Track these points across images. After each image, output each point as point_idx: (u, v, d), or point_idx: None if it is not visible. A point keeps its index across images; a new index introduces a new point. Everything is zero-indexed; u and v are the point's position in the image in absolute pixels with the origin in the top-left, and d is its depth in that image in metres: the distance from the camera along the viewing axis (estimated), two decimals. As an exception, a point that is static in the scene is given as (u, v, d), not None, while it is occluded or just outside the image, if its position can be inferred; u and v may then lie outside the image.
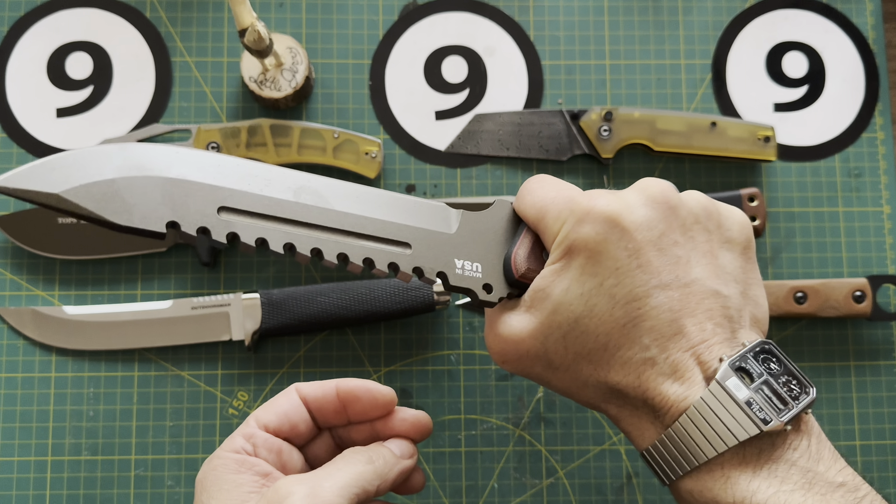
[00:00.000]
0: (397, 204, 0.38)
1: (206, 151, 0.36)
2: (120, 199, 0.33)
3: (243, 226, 0.35)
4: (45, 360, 0.54)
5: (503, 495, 0.54)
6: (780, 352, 0.34)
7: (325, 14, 0.59)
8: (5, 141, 0.56)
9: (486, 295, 0.38)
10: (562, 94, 0.59)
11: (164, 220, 0.34)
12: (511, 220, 0.39)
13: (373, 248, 0.37)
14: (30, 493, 0.52)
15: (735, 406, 0.32)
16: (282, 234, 0.35)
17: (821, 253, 0.58)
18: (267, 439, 0.37)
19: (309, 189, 0.37)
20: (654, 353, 0.33)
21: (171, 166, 0.35)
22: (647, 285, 0.34)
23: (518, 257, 0.38)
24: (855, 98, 0.60)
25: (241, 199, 0.35)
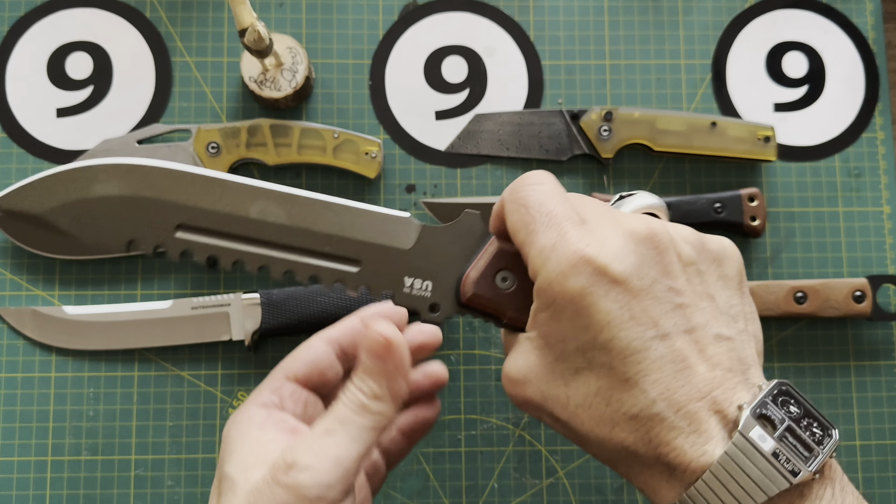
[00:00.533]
0: (357, 217, 0.38)
1: (169, 164, 0.37)
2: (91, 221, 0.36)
3: (196, 244, 0.37)
4: (45, 360, 0.54)
5: (503, 495, 0.54)
6: (797, 392, 0.32)
7: (325, 14, 0.59)
8: (5, 141, 0.56)
9: (430, 315, 0.37)
10: (562, 94, 0.59)
11: (124, 240, 0.36)
12: (476, 235, 0.38)
13: (320, 265, 0.37)
14: (30, 493, 0.52)
15: (762, 459, 0.30)
16: (231, 252, 0.37)
17: (821, 253, 0.58)
18: (294, 391, 0.36)
19: (266, 202, 0.37)
20: (662, 408, 0.31)
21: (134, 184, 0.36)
22: (644, 337, 0.31)
23: (468, 281, 0.37)
24: (855, 98, 0.60)
25: (195, 216, 0.37)
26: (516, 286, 0.37)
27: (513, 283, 0.37)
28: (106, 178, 0.36)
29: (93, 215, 0.36)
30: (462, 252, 0.38)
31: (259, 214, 0.37)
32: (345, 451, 0.32)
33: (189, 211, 0.37)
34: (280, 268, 0.37)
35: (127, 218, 0.36)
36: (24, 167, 0.56)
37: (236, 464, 0.33)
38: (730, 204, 0.56)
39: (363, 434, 0.33)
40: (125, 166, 0.36)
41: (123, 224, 0.36)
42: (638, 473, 0.32)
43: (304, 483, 0.31)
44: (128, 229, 0.36)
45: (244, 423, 0.35)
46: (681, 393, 0.31)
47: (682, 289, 0.32)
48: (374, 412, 0.34)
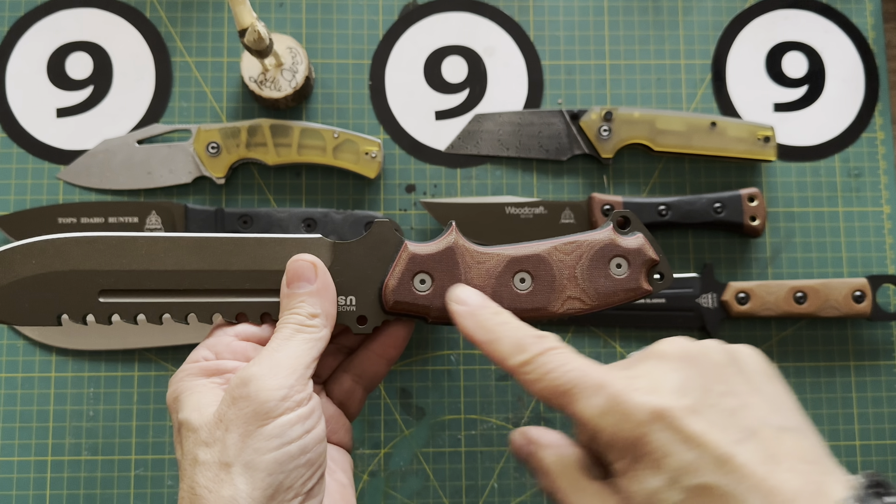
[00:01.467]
0: (268, 247, 0.39)
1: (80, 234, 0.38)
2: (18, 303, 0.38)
3: (121, 306, 0.38)
4: (45, 360, 0.54)
5: (503, 495, 0.54)
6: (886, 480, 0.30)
7: (325, 14, 0.59)
8: (5, 141, 0.56)
9: (359, 328, 0.39)
10: (562, 94, 0.59)
11: (53, 315, 0.38)
12: (389, 243, 0.39)
13: (244, 302, 0.38)
14: (30, 493, 0.52)
15: None
16: (156, 307, 0.38)
17: (821, 253, 0.58)
18: (230, 343, 0.38)
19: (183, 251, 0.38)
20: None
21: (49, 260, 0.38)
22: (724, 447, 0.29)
23: (388, 289, 0.38)
24: (855, 98, 0.60)
25: (115, 279, 0.38)
26: (433, 286, 0.38)
27: (430, 284, 0.38)
28: (23, 260, 0.38)
29: (17, 298, 0.37)
30: (379, 262, 0.39)
31: (175, 265, 0.38)
32: (294, 359, 0.34)
33: (107, 275, 0.38)
34: (206, 312, 0.38)
35: (51, 293, 0.38)
36: (24, 167, 0.56)
37: (189, 409, 0.34)
38: (730, 204, 0.56)
39: (308, 345, 0.35)
40: (39, 244, 0.38)
41: (49, 300, 0.38)
42: None
43: (263, 387, 0.33)
44: (54, 304, 0.38)
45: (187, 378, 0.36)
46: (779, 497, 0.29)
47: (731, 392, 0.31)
48: (312, 327, 0.36)
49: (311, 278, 0.37)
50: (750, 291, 0.55)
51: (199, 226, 0.54)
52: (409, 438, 0.55)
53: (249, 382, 0.33)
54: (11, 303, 0.38)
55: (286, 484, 0.33)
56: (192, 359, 0.37)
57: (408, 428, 0.55)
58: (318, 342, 0.36)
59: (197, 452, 0.33)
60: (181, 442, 0.34)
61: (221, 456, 0.33)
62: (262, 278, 0.38)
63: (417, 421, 0.55)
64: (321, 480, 0.35)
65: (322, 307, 0.37)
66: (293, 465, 0.33)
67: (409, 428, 0.55)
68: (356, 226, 0.54)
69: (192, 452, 0.33)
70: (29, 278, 0.38)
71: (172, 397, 0.36)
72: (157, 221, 0.54)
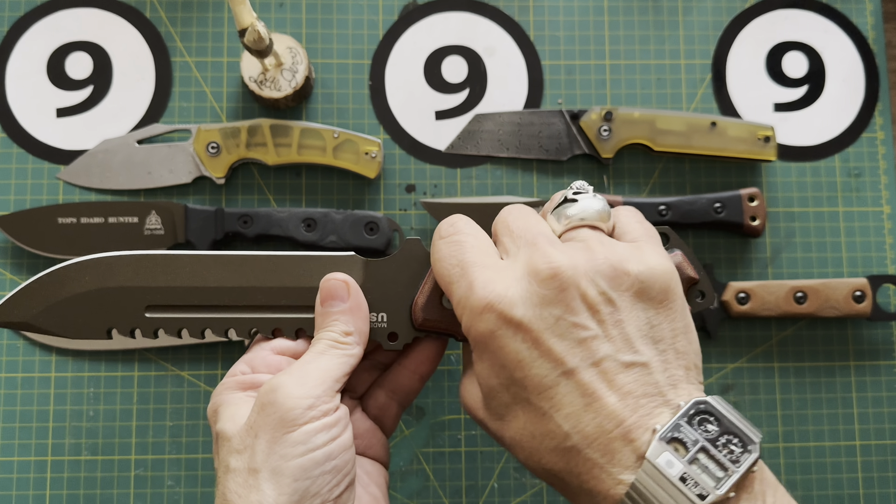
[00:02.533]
0: (306, 266, 0.40)
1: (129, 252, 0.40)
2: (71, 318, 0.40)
3: (165, 321, 0.40)
4: (45, 360, 0.54)
5: (503, 495, 0.54)
6: (716, 407, 0.32)
7: (325, 14, 0.59)
8: (5, 141, 0.56)
9: (390, 345, 0.39)
10: (562, 94, 0.59)
11: (102, 330, 0.40)
12: (420, 260, 0.40)
13: (280, 318, 0.39)
14: (30, 493, 0.52)
15: (669, 484, 0.30)
16: (199, 321, 0.40)
17: (821, 253, 0.58)
18: (266, 357, 0.39)
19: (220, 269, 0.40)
20: (577, 441, 0.32)
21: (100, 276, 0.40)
22: (553, 374, 0.32)
23: (417, 307, 0.39)
24: (855, 98, 0.60)
25: (160, 296, 0.40)
26: None
27: None
28: (77, 276, 0.40)
29: (71, 313, 0.39)
30: (410, 279, 0.39)
31: (216, 282, 0.39)
32: (324, 371, 0.36)
33: (154, 292, 0.40)
34: (245, 327, 0.39)
35: (102, 309, 0.40)
36: (24, 167, 0.56)
37: (225, 420, 0.36)
38: (730, 204, 0.56)
39: (339, 360, 0.37)
40: (92, 262, 0.40)
41: (100, 315, 0.39)
42: (571, 497, 0.34)
43: (290, 395, 0.34)
44: (104, 319, 0.39)
45: (225, 391, 0.38)
46: (592, 426, 0.32)
47: (586, 323, 0.33)
48: (345, 345, 0.37)
49: (343, 297, 0.38)
50: (750, 291, 0.55)
51: (199, 226, 0.54)
52: (409, 438, 0.55)
53: (277, 390, 0.34)
54: (65, 317, 0.40)
55: (312, 490, 0.33)
56: (231, 373, 0.39)
57: (408, 428, 0.55)
58: (350, 358, 0.37)
59: (229, 460, 0.35)
60: (217, 451, 0.36)
61: (250, 462, 0.34)
62: (297, 295, 0.39)
63: (417, 421, 0.55)
64: (350, 488, 0.35)
65: (355, 325, 0.38)
66: (318, 471, 0.34)
67: (409, 428, 0.55)
68: (356, 226, 0.54)
69: (225, 460, 0.35)
70: (81, 294, 0.40)
71: (212, 410, 0.38)
72: (157, 221, 0.54)
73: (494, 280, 0.34)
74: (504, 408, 0.34)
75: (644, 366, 0.32)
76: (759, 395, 0.56)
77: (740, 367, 0.56)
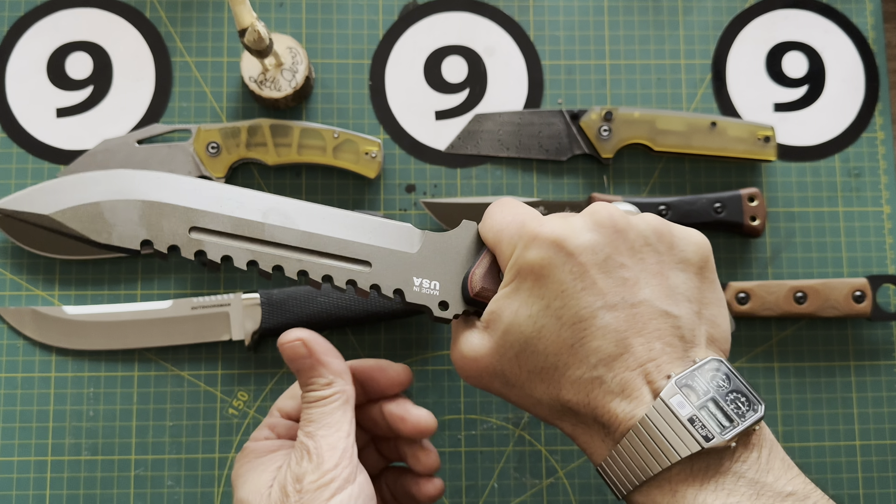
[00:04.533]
0: (363, 225, 0.39)
1: (184, 177, 0.38)
2: (102, 220, 0.37)
3: (210, 244, 0.38)
4: (45, 360, 0.54)
5: (503, 495, 0.54)
6: (730, 369, 0.34)
7: (325, 14, 0.59)
8: (5, 141, 0.56)
9: (440, 312, 0.39)
10: (562, 94, 0.59)
11: (138, 239, 0.37)
12: (475, 241, 0.40)
13: (332, 265, 0.39)
14: (30, 493, 0.52)
15: (678, 423, 0.32)
16: (245, 251, 0.38)
17: (821, 253, 0.58)
18: (289, 426, 0.41)
19: (277, 210, 0.39)
20: (602, 373, 0.34)
21: (150, 191, 0.38)
22: (593, 307, 0.34)
23: (475, 276, 0.39)
24: (855, 98, 0.60)
25: (210, 219, 0.38)
26: None
27: None
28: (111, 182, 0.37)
29: (103, 217, 0.37)
30: (465, 256, 0.40)
31: (270, 222, 0.38)
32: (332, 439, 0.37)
33: (204, 215, 0.38)
34: (294, 267, 0.38)
35: (138, 219, 0.37)
36: (24, 167, 0.56)
37: (248, 490, 0.37)
38: (730, 204, 0.56)
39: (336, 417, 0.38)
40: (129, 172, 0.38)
41: (135, 224, 0.37)
42: (581, 433, 0.36)
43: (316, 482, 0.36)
44: (141, 229, 0.37)
45: (248, 456, 0.39)
46: (618, 361, 0.34)
47: (633, 266, 0.35)
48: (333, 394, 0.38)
49: (304, 354, 0.39)
50: (750, 291, 0.55)
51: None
52: (409, 438, 0.55)
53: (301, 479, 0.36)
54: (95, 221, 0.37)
55: None
56: (254, 437, 0.41)
57: (408, 428, 0.55)
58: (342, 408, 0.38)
59: None
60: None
61: None
62: (352, 248, 0.39)
63: (417, 421, 0.55)
64: None
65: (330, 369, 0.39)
66: None
67: (409, 428, 0.55)
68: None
69: None
70: (119, 202, 0.37)
71: (235, 475, 0.39)
72: (157, 221, 0.54)
73: (551, 220, 0.36)
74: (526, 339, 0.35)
75: (675, 318, 0.35)
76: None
77: (740, 367, 0.56)
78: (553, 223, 0.36)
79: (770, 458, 0.33)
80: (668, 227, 0.37)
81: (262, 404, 0.54)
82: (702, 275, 0.36)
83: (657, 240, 0.36)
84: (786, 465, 0.33)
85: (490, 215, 0.39)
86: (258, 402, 0.54)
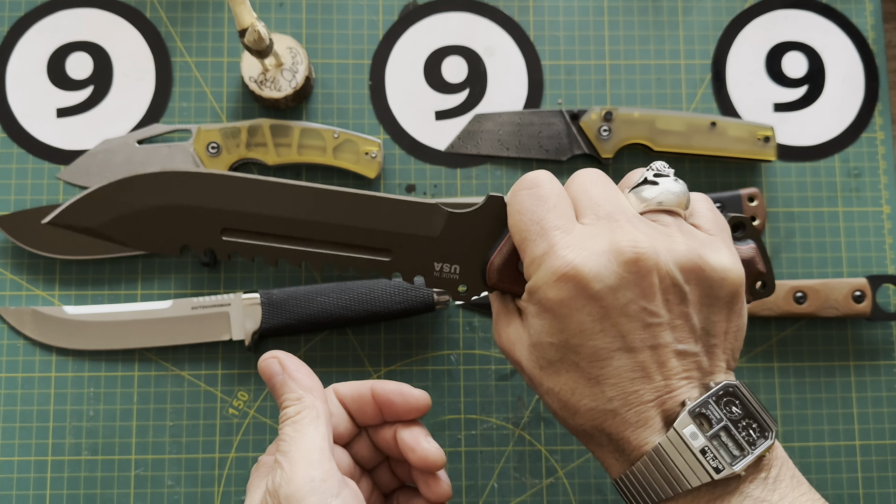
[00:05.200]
0: (385, 207, 0.40)
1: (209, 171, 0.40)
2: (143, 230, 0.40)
3: (241, 246, 0.40)
4: (45, 360, 0.54)
5: (503, 495, 0.54)
6: (744, 392, 0.35)
7: (325, 14, 0.59)
8: (5, 141, 0.56)
9: (459, 294, 0.40)
10: (562, 94, 0.59)
11: (177, 246, 0.40)
12: (500, 218, 0.40)
13: (355, 257, 0.40)
14: (30, 493, 0.52)
15: (690, 455, 0.33)
16: (273, 250, 0.40)
17: (821, 253, 0.58)
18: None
19: (302, 198, 0.40)
20: (617, 406, 0.35)
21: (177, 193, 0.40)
22: (611, 348, 0.34)
23: (492, 267, 0.39)
24: (855, 98, 0.60)
25: (238, 220, 0.40)
26: None
27: None
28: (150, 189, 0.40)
29: (144, 226, 0.40)
30: (487, 236, 0.40)
31: (294, 213, 0.40)
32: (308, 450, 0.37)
33: (231, 215, 0.40)
34: (318, 261, 0.40)
35: (175, 225, 0.40)
36: (25, 167, 0.56)
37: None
38: (730, 204, 0.56)
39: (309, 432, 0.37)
40: (165, 175, 0.40)
41: (173, 231, 0.40)
42: (595, 449, 0.37)
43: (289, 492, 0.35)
44: (179, 235, 0.40)
45: (259, 471, 0.39)
46: (634, 396, 0.34)
47: (657, 310, 0.35)
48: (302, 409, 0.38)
49: (278, 370, 0.40)
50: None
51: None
52: (409, 438, 0.54)
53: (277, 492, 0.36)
54: (137, 229, 0.40)
55: None
56: (269, 451, 0.41)
57: (408, 428, 0.55)
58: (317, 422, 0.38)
59: None
60: None
61: None
62: (374, 236, 0.40)
63: (417, 421, 0.55)
64: None
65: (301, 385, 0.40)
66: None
67: (409, 428, 0.55)
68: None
69: None
70: (156, 208, 0.40)
71: (247, 490, 0.39)
72: (157, 221, 0.54)
73: (575, 248, 0.35)
74: (547, 363, 0.36)
75: (695, 355, 0.35)
76: (759, 395, 0.56)
77: (740, 366, 0.56)
78: (577, 251, 0.35)
79: (778, 478, 0.34)
80: (700, 263, 0.35)
81: (262, 404, 0.54)
82: (730, 307, 0.36)
83: (685, 280, 0.35)
84: (794, 483, 0.34)
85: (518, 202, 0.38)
86: (258, 402, 0.54)
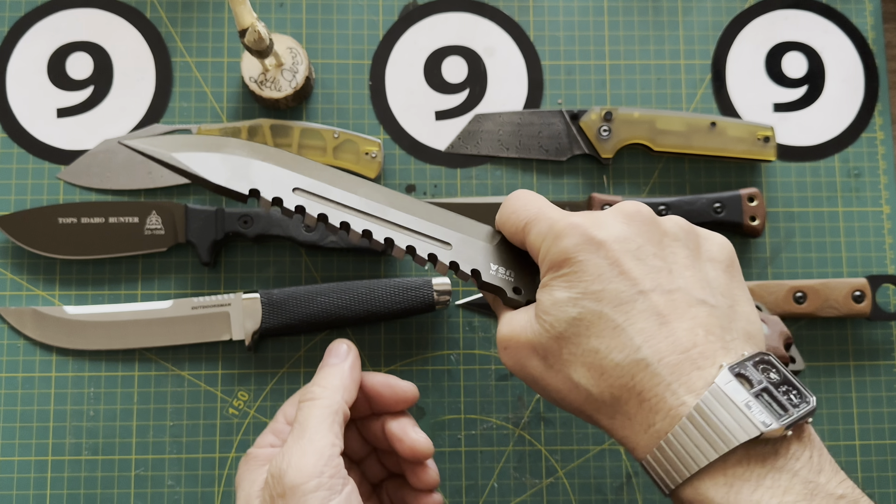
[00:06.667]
0: (447, 217, 0.42)
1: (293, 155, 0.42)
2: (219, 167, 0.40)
3: (309, 203, 0.40)
4: (45, 360, 0.54)
5: (503, 495, 0.54)
6: (779, 363, 0.34)
7: (325, 14, 0.59)
8: (5, 141, 0.56)
9: (514, 295, 0.40)
10: (562, 94, 0.59)
11: (248, 187, 0.40)
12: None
13: (417, 238, 0.41)
14: (30, 493, 0.52)
15: (735, 408, 0.31)
16: (339, 213, 0.41)
17: (821, 253, 0.58)
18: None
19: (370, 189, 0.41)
20: (647, 354, 0.33)
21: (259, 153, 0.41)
22: (632, 290, 0.34)
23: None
24: (855, 98, 0.60)
25: (310, 185, 0.41)
26: None
27: None
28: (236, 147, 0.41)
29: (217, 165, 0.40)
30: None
31: (364, 195, 0.41)
32: (318, 443, 0.37)
33: (305, 180, 0.41)
34: (381, 233, 0.40)
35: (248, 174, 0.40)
36: (25, 167, 0.56)
37: (242, 499, 0.38)
38: (729, 204, 0.56)
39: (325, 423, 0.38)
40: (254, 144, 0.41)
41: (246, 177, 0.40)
42: (620, 426, 0.34)
43: (297, 482, 0.35)
44: (251, 180, 0.40)
45: (250, 463, 0.39)
46: (664, 343, 0.33)
47: (666, 257, 0.35)
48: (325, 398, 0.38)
49: (342, 355, 0.41)
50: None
51: (199, 226, 0.54)
52: (409, 438, 0.55)
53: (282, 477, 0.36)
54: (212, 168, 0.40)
55: None
56: (258, 443, 0.41)
57: (408, 428, 0.55)
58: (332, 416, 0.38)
59: None
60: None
61: None
62: (436, 230, 0.41)
63: (417, 420, 0.55)
64: None
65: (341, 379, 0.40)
66: None
67: (409, 428, 0.55)
68: (356, 226, 0.54)
69: None
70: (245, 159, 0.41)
71: (236, 481, 0.40)
72: (157, 221, 0.54)
73: (579, 215, 0.36)
74: (568, 323, 0.35)
75: (713, 307, 0.34)
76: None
77: (740, 366, 0.56)
78: (581, 216, 0.36)
79: (821, 459, 0.32)
80: (693, 228, 0.37)
81: (262, 404, 0.54)
82: (730, 273, 0.37)
83: (685, 236, 0.36)
84: (835, 468, 0.33)
85: (513, 210, 0.39)
86: (258, 401, 0.54)
